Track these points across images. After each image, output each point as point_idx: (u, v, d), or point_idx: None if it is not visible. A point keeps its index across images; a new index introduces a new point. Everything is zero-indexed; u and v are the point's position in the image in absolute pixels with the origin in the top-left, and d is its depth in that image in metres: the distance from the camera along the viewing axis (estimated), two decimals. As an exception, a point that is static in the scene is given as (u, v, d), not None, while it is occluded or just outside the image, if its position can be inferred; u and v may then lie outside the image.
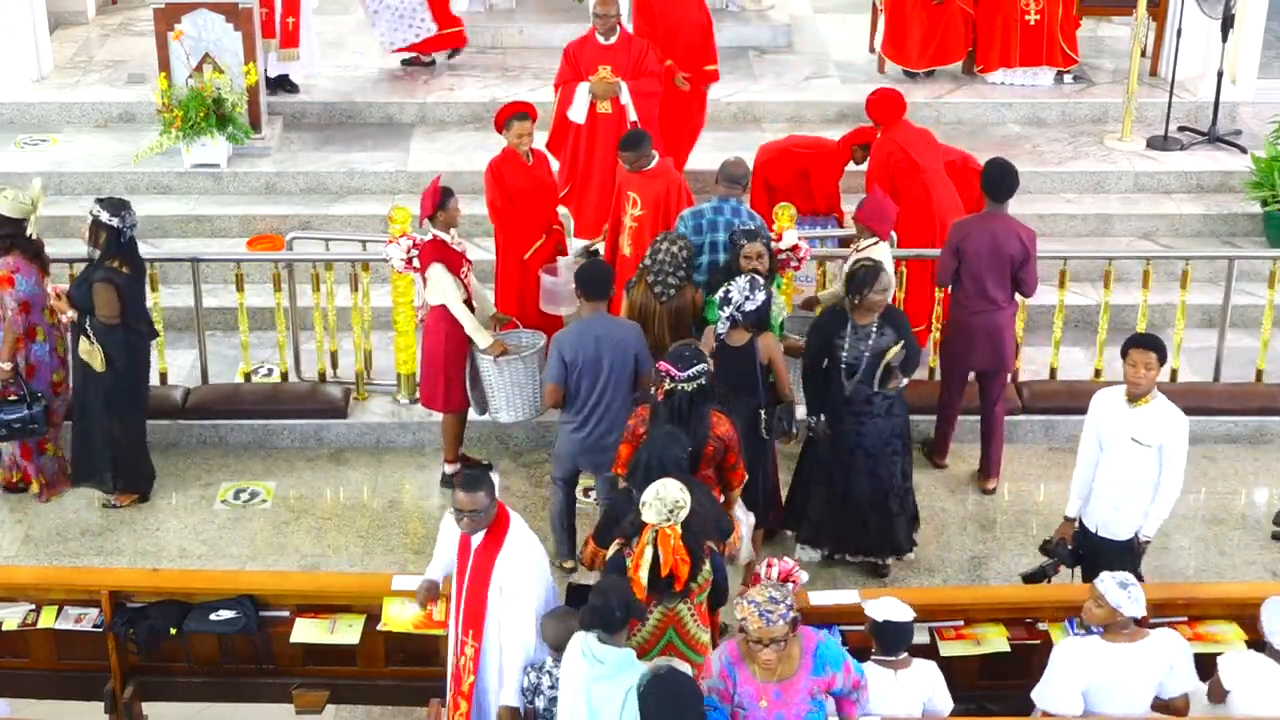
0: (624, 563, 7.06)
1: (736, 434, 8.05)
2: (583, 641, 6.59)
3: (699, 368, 7.86)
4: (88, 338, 9.32)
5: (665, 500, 6.89)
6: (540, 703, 6.95)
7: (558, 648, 6.81)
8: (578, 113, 10.89)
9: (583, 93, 10.86)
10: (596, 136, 10.92)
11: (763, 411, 8.61)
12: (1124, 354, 7.89)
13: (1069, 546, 8.21)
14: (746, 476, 8.24)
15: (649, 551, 6.90)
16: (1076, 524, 8.22)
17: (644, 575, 6.92)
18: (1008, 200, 9.51)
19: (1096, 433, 8.02)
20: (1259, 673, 6.80)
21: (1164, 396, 7.88)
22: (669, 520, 6.89)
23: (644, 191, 9.92)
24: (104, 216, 9.22)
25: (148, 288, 9.92)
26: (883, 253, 9.56)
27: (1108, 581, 6.77)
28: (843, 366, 8.71)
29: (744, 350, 8.58)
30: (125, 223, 9.26)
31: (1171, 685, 6.86)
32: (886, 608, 6.90)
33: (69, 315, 9.33)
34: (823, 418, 8.81)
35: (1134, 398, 7.84)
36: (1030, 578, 8.24)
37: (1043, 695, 6.87)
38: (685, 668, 6.75)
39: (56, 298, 9.36)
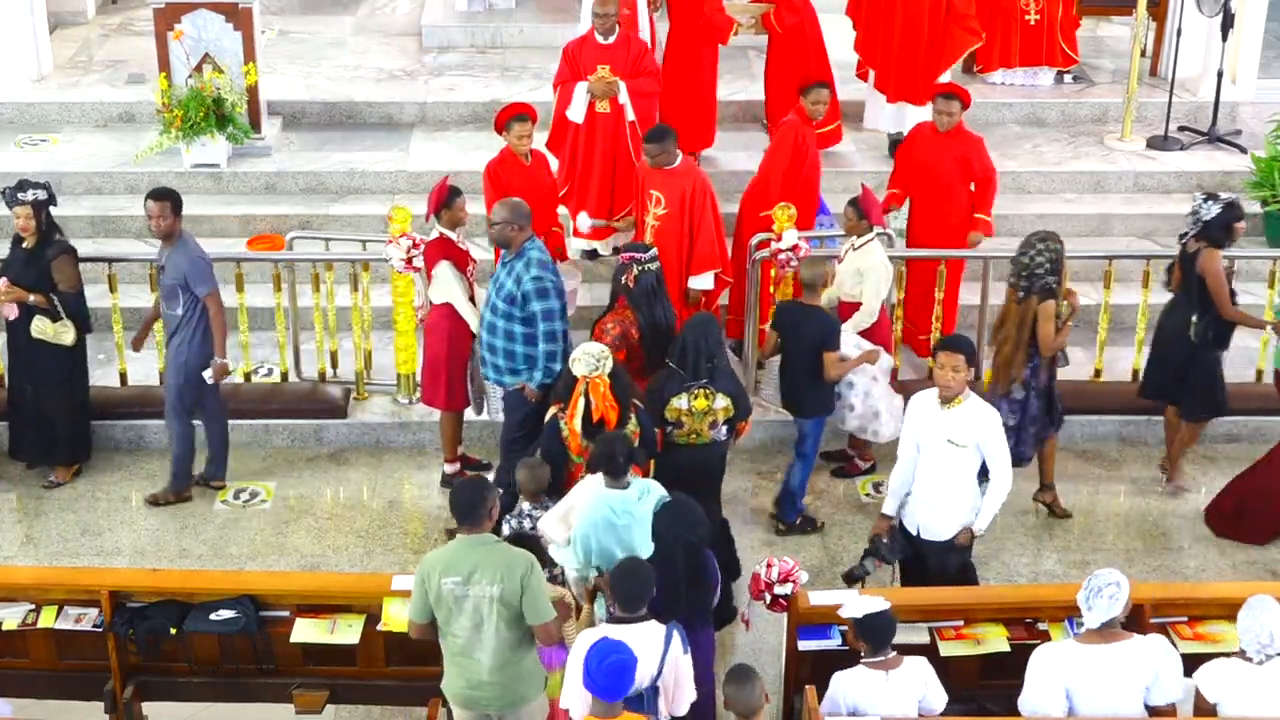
0: (558, 425, 8.12)
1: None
2: (599, 486, 7.53)
3: (653, 251, 9.09)
4: (50, 316, 9.37)
5: (591, 353, 8.06)
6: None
7: (530, 493, 7.87)
8: (576, 112, 10.88)
9: (581, 92, 10.85)
10: (595, 136, 10.91)
11: (1193, 318, 9.42)
12: (933, 355, 8.04)
13: (885, 541, 8.20)
14: None
15: (581, 401, 7.97)
16: (895, 522, 8.23)
17: (578, 423, 8.00)
18: None
19: (913, 435, 8.08)
20: (1239, 678, 6.73)
21: (976, 396, 7.97)
22: (597, 370, 7.99)
23: (668, 190, 9.92)
24: (43, 195, 9.39)
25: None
26: (880, 251, 9.57)
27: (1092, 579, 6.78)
28: None
29: (1192, 257, 9.42)
30: (51, 194, 9.51)
31: (1158, 693, 6.81)
32: (861, 604, 6.89)
33: (33, 299, 9.40)
34: None
35: (945, 400, 7.91)
36: (849, 576, 8.28)
37: (1025, 703, 6.87)
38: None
39: (5, 290, 9.40)
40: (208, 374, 9.37)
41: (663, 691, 6.68)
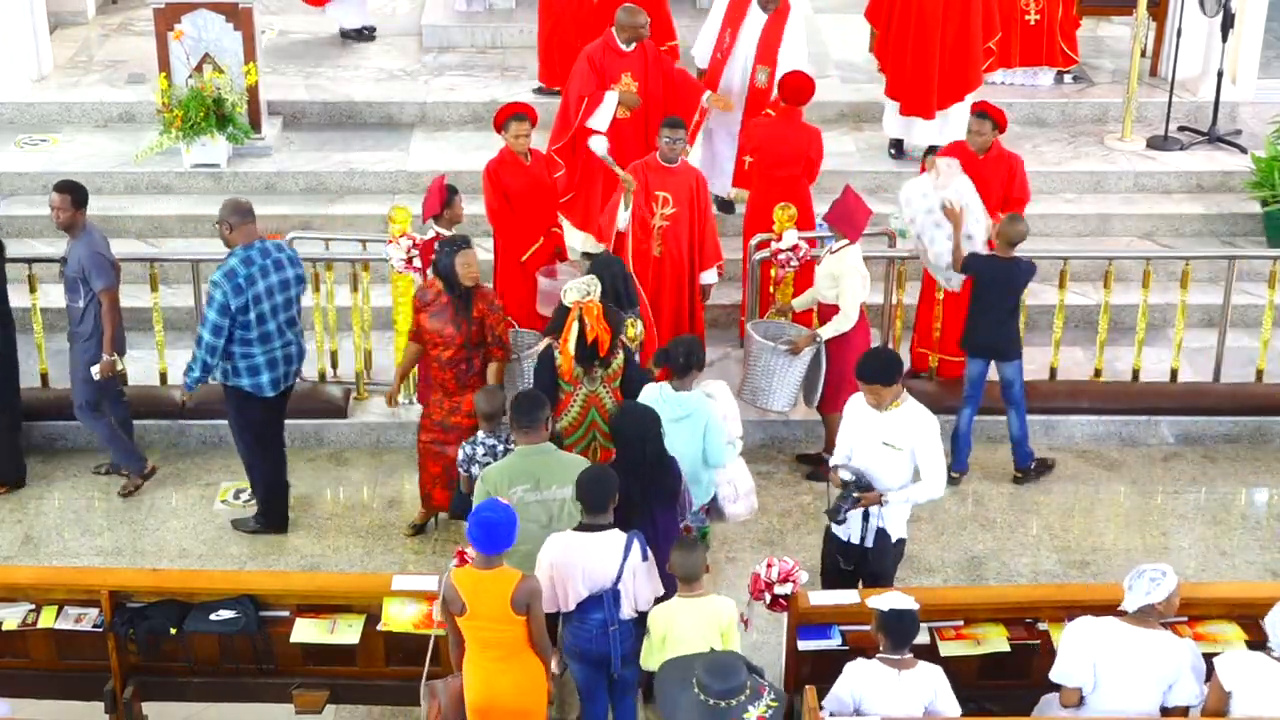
0: (553, 354, 8.55)
1: None
2: (659, 390, 8.19)
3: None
4: None
5: (581, 281, 8.52)
6: (476, 470, 8.14)
7: (485, 417, 8.31)
8: (602, 120, 10.72)
9: (611, 101, 10.77)
10: (614, 141, 10.79)
11: None
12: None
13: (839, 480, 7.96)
14: None
15: (575, 326, 8.38)
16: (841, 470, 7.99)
17: (572, 346, 8.40)
18: None
19: (849, 439, 8.00)
20: (1259, 672, 6.76)
21: (914, 400, 7.87)
22: (588, 295, 8.41)
23: (674, 189, 9.90)
24: None
25: (149, 288, 9.93)
26: (854, 256, 9.50)
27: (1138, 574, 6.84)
28: None
29: None
30: None
31: (1177, 694, 6.87)
32: (892, 599, 6.90)
33: None
34: None
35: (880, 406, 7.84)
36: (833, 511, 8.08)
37: (1057, 671, 6.94)
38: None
39: None
40: (95, 370, 9.37)
41: (623, 593, 7.23)
